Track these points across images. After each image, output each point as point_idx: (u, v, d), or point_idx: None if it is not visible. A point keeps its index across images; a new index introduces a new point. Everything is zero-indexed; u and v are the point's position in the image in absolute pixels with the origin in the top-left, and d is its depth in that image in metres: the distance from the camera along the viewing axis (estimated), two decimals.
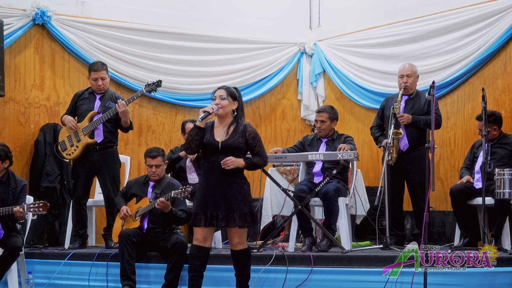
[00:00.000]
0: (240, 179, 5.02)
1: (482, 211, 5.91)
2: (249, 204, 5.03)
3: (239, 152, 5.00)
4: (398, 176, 6.56)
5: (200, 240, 5.03)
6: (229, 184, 4.96)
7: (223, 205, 4.94)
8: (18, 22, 7.39)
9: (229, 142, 4.97)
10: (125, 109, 6.44)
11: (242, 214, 4.94)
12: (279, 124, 8.91)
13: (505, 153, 6.29)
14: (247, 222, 4.97)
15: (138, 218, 6.02)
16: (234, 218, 4.93)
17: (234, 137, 4.99)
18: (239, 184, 5.00)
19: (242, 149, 5.02)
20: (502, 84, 7.16)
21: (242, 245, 5.06)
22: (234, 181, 4.98)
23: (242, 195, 4.98)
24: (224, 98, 5.03)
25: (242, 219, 4.94)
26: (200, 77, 8.46)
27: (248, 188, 5.07)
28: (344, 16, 8.73)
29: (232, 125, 5.05)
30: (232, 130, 5.03)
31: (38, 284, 6.17)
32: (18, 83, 7.48)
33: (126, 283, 5.73)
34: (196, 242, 5.06)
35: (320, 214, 6.83)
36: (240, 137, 5.00)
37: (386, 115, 6.57)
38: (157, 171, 6.09)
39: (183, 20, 8.34)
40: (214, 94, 5.08)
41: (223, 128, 5.05)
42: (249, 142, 5.02)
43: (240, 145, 4.99)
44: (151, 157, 6.06)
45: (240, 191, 4.99)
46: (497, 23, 7.12)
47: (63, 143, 6.63)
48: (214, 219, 4.94)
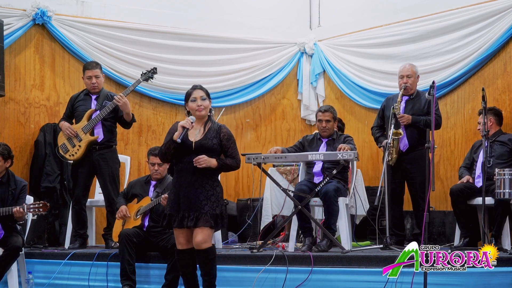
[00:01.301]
0: (213, 180, 4.93)
1: (482, 211, 5.91)
2: (221, 206, 4.91)
3: (212, 153, 4.90)
4: (398, 176, 6.56)
5: (183, 243, 4.95)
6: (201, 185, 4.87)
7: (195, 206, 4.84)
8: (18, 22, 7.39)
9: (203, 142, 4.89)
10: (124, 101, 6.45)
11: (213, 215, 4.84)
12: (279, 124, 8.91)
13: (504, 150, 6.30)
14: (217, 224, 4.88)
15: (139, 217, 6.03)
16: (205, 218, 4.81)
17: (208, 138, 4.91)
18: (211, 186, 4.90)
19: (216, 150, 4.93)
20: (502, 84, 7.16)
21: (206, 244, 4.87)
22: (207, 182, 4.88)
23: (214, 196, 4.87)
24: (204, 99, 4.95)
25: (213, 220, 4.84)
26: (200, 77, 8.44)
27: (221, 191, 4.97)
28: (344, 16, 8.73)
29: (207, 125, 4.98)
30: (206, 130, 4.95)
31: (38, 284, 6.18)
32: (18, 83, 7.48)
33: (126, 283, 5.73)
34: (180, 247, 4.97)
35: (320, 214, 6.83)
36: (214, 138, 4.92)
37: (387, 115, 6.57)
38: (159, 170, 6.11)
39: (183, 20, 8.34)
40: (192, 95, 4.95)
41: (198, 128, 4.97)
42: (223, 143, 4.94)
43: (213, 146, 4.90)
44: (154, 155, 6.06)
45: (213, 192, 4.88)
46: (497, 23, 7.12)
47: (64, 145, 6.63)
48: (185, 220, 4.84)
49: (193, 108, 4.95)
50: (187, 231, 4.90)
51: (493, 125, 6.39)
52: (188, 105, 4.99)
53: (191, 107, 4.96)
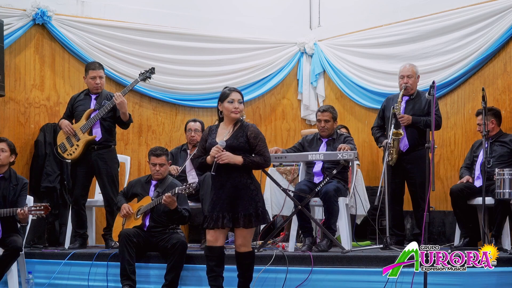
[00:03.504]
0: (246, 179, 4.99)
1: (482, 211, 5.91)
2: (255, 205, 4.97)
3: (242, 151, 4.96)
4: (398, 176, 6.57)
5: (211, 240, 5.03)
6: (233, 185, 4.94)
7: (228, 206, 4.93)
8: (18, 22, 7.39)
9: (231, 142, 4.95)
10: (122, 100, 6.44)
11: (247, 215, 4.93)
12: (279, 124, 8.91)
13: (504, 151, 6.30)
14: (251, 222, 4.95)
15: (140, 216, 6.03)
16: (238, 219, 4.92)
17: (236, 137, 4.97)
18: (245, 184, 4.96)
19: (244, 148, 4.97)
20: (502, 84, 7.16)
21: (245, 248, 5.05)
22: (240, 181, 4.95)
23: (247, 195, 4.95)
24: (241, 102, 5.03)
25: (247, 220, 4.93)
26: (200, 77, 8.46)
27: (255, 189, 5.02)
28: (344, 16, 8.73)
29: (236, 125, 5.04)
30: (235, 130, 5.02)
31: (38, 284, 6.17)
32: (18, 83, 7.48)
33: (126, 283, 5.72)
34: (208, 243, 5.06)
35: (320, 214, 6.83)
36: (242, 137, 4.97)
37: (387, 115, 6.57)
38: (160, 170, 6.10)
39: (183, 20, 8.34)
40: (230, 96, 4.99)
41: (227, 129, 5.04)
42: (251, 141, 4.98)
43: (241, 145, 4.95)
44: (156, 155, 6.06)
45: (246, 191, 4.95)
46: (497, 23, 7.12)
47: (62, 145, 6.64)
48: (219, 221, 4.93)
49: (228, 109, 4.99)
50: (218, 231, 4.98)
51: (494, 126, 6.39)
52: (223, 105, 5.02)
53: (227, 107, 4.99)
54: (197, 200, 6.55)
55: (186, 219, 6.00)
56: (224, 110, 5.02)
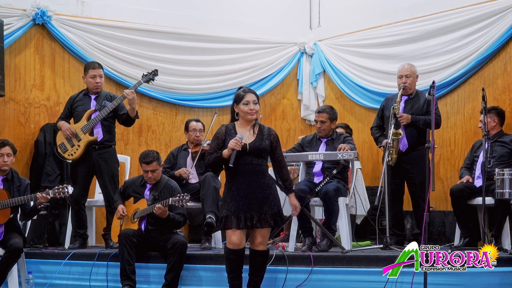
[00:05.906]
0: (268, 179, 5.08)
1: (482, 211, 5.91)
2: (278, 204, 5.08)
3: (264, 153, 5.07)
4: (398, 176, 6.57)
5: (236, 243, 4.99)
6: (258, 185, 4.99)
7: (256, 206, 4.97)
8: (18, 22, 7.40)
9: (257, 144, 5.01)
10: (133, 96, 6.48)
11: (272, 214, 5.00)
12: (279, 124, 8.91)
13: (505, 151, 6.29)
14: (277, 222, 5.04)
15: (136, 220, 6.01)
16: (266, 218, 4.97)
17: (261, 139, 5.04)
18: (268, 185, 5.04)
19: (267, 151, 5.09)
20: (502, 84, 7.16)
21: (263, 246, 5.09)
22: (263, 182, 5.02)
23: (272, 195, 5.03)
24: (256, 103, 5.07)
25: (273, 219, 5.00)
26: (200, 77, 8.46)
27: (276, 189, 5.15)
28: (344, 16, 8.73)
29: (255, 127, 5.09)
30: (256, 131, 5.07)
31: (38, 284, 6.17)
32: (18, 83, 7.49)
33: (126, 283, 5.72)
34: (231, 246, 5.01)
35: (320, 214, 6.83)
36: (266, 139, 5.06)
37: (386, 115, 6.57)
38: (153, 176, 6.05)
39: (183, 20, 8.34)
40: (245, 98, 5.04)
41: (247, 130, 5.06)
42: (274, 144, 5.11)
43: (266, 147, 5.05)
44: (146, 163, 5.99)
45: (270, 191, 5.04)
46: (497, 23, 7.12)
47: (63, 145, 6.63)
48: (248, 221, 4.95)
49: (244, 111, 5.04)
50: (241, 232, 4.99)
51: (496, 125, 6.40)
52: (238, 107, 5.07)
53: (242, 109, 5.05)
54: (197, 200, 6.54)
55: (180, 224, 5.99)
56: (240, 112, 5.07)
